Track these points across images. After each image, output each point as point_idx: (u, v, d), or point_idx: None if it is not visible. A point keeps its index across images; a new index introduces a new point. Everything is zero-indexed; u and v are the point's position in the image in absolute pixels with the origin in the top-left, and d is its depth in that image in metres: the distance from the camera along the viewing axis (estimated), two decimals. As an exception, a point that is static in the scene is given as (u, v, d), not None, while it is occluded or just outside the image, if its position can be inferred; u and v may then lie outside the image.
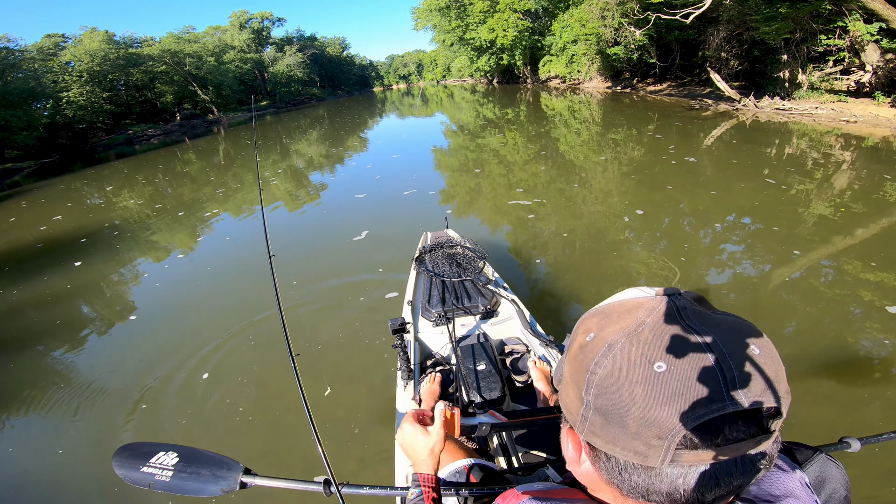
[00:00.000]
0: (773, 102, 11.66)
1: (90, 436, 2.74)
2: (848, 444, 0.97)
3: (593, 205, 5.83)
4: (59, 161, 22.07)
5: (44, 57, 27.57)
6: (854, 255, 3.83)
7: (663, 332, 0.39)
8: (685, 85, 18.19)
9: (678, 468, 0.37)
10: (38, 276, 5.63)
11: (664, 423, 0.36)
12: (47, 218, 9.00)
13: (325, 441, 0.97)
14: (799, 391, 2.46)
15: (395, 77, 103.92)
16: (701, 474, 0.37)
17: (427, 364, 2.11)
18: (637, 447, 0.38)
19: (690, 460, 0.36)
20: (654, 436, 0.37)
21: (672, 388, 0.36)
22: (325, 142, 16.14)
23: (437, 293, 2.40)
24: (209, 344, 3.51)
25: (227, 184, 10.29)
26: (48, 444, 2.73)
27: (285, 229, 6.37)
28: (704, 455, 0.36)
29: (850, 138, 8.17)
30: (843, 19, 10.06)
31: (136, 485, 1.00)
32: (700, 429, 0.36)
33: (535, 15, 32.43)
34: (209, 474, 0.99)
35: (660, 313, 0.40)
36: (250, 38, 47.26)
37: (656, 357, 0.38)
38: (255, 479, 0.97)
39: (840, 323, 2.98)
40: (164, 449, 1.05)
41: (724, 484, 0.37)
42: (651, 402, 0.37)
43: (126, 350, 3.71)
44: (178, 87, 34.42)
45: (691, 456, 0.36)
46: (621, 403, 0.38)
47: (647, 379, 0.37)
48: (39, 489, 2.42)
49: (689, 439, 0.36)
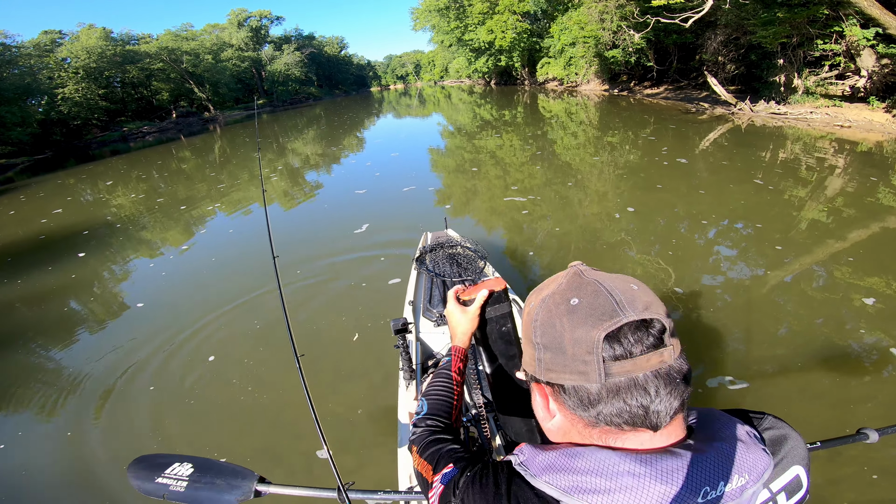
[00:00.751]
0: (769, 106, 11.73)
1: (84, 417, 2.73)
2: (866, 435, 0.99)
3: (589, 206, 5.84)
4: (52, 157, 21.96)
5: (40, 53, 27.38)
6: (846, 259, 3.85)
7: (573, 283, 0.55)
8: (682, 88, 18.28)
9: (613, 381, 0.49)
10: (41, 267, 5.69)
11: (586, 338, 0.49)
12: (48, 211, 9.03)
13: (329, 439, 0.98)
14: (793, 389, 2.47)
15: (392, 77, 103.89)
16: (631, 382, 0.48)
17: (429, 364, 2.10)
18: (578, 367, 0.50)
19: (618, 371, 0.48)
20: (584, 352, 0.49)
21: (584, 312, 0.51)
22: (324, 140, 16.12)
23: (438, 293, 2.40)
24: (212, 327, 3.54)
25: (225, 180, 10.27)
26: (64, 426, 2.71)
27: (287, 222, 6.49)
28: (627, 365, 0.48)
29: (843, 143, 8.23)
30: (839, 24, 10.13)
31: (151, 496, 0.99)
32: (611, 338, 0.48)
33: (534, 17, 32.51)
34: (224, 484, 0.98)
35: (569, 274, 0.57)
36: (248, 36, 47.12)
37: (570, 297, 0.53)
38: (270, 488, 0.98)
39: (832, 324, 2.99)
40: (179, 460, 1.05)
41: (653, 393, 0.48)
42: (574, 325, 0.50)
43: (132, 333, 3.79)
44: (174, 85, 34.28)
45: (618, 367, 0.48)
46: (556, 333, 0.52)
47: (567, 311, 0.52)
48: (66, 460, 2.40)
49: (608, 350, 0.48)
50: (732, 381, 2.56)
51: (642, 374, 0.49)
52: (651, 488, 0.46)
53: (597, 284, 0.53)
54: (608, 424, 0.50)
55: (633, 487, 0.47)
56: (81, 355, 3.62)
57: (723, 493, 0.49)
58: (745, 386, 2.52)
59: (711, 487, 0.48)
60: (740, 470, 0.50)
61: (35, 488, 2.38)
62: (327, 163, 11.56)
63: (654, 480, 0.47)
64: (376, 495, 0.96)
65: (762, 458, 0.53)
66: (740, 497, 0.50)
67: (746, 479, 0.50)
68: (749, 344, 2.87)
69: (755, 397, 2.44)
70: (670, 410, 0.49)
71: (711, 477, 0.49)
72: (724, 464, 0.50)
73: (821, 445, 0.99)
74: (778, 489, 0.56)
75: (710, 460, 0.50)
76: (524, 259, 4.42)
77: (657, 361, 0.49)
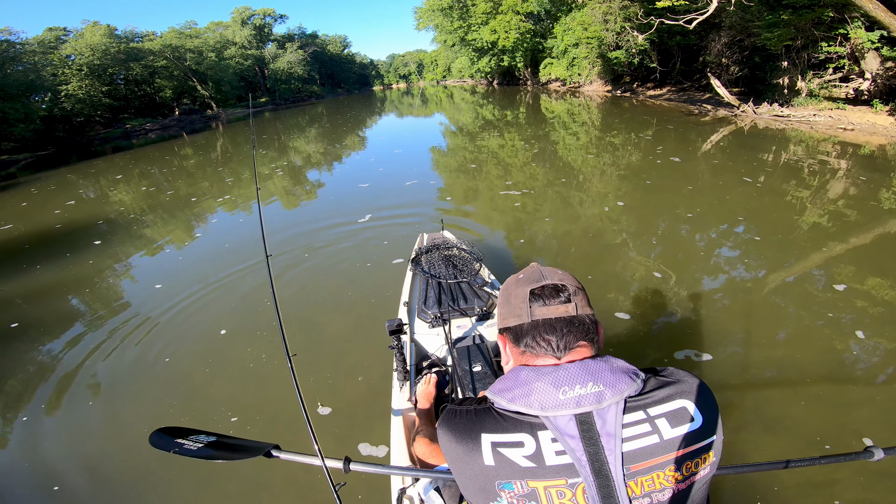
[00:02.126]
0: (772, 109, 11.69)
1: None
2: (871, 453, 0.96)
3: (589, 206, 5.83)
4: (54, 154, 21.96)
5: (44, 50, 27.34)
6: (847, 262, 3.83)
7: (527, 270, 0.85)
8: (685, 90, 18.24)
9: (535, 319, 0.76)
10: (60, 254, 5.91)
11: (522, 292, 0.79)
12: (60, 203, 9.20)
13: (324, 434, 0.99)
14: (791, 392, 2.46)
15: (395, 76, 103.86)
16: (546, 322, 0.75)
17: (423, 365, 2.10)
18: (516, 311, 0.79)
19: (538, 313, 0.76)
20: (520, 301, 0.79)
21: (524, 280, 0.82)
22: (327, 138, 16.13)
23: (433, 294, 2.40)
24: (224, 313, 3.55)
25: (229, 175, 10.26)
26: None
27: (291, 215, 6.64)
28: (544, 310, 0.76)
29: (846, 146, 8.19)
30: (844, 27, 10.09)
31: (164, 449, 1.07)
32: (535, 292, 0.78)
33: (538, 17, 32.48)
34: (238, 446, 1.10)
35: (531, 266, 0.87)
36: (252, 34, 47.13)
37: (521, 275, 0.85)
38: (282, 454, 1.08)
39: (832, 327, 2.97)
40: (200, 432, 1.14)
41: (558, 329, 0.75)
42: (518, 286, 0.82)
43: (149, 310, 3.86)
44: (177, 82, 34.27)
45: (538, 310, 0.76)
46: (508, 293, 0.83)
47: (516, 281, 0.84)
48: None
49: (534, 300, 0.77)
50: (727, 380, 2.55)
51: (554, 317, 0.75)
52: (534, 385, 0.70)
53: (537, 268, 0.84)
54: (529, 351, 0.77)
55: (525, 386, 0.71)
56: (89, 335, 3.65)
57: (579, 394, 0.68)
58: (738, 387, 2.51)
59: (569, 387, 0.69)
60: (596, 380, 0.69)
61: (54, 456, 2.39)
62: (332, 159, 11.71)
63: (537, 380, 0.71)
64: (378, 468, 1.04)
65: (624, 379, 0.70)
66: (599, 402, 0.68)
67: (602, 388, 0.68)
68: (748, 346, 2.85)
69: (752, 398, 2.43)
70: (570, 345, 0.74)
71: (570, 380, 0.69)
72: (582, 374, 0.70)
73: (822, 461, 0.98)
74: (657, 414, 0.69)
75: (573, 369, 0.71)
76: (525, 259, 4.40)
77: (563, 310, 0.76)
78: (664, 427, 0.68)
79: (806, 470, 2.01)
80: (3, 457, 2.57)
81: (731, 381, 2.58)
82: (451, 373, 1.92)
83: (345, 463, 1.03)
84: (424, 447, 1.31)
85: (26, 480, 2.37)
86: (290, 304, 3.85)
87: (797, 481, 1.97)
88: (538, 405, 0.68)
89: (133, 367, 3.25)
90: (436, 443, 1.25)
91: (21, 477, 2.40)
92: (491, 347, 2.03)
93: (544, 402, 0.68)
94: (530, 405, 0.68)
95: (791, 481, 1.97)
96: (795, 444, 2.14)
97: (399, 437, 1.71)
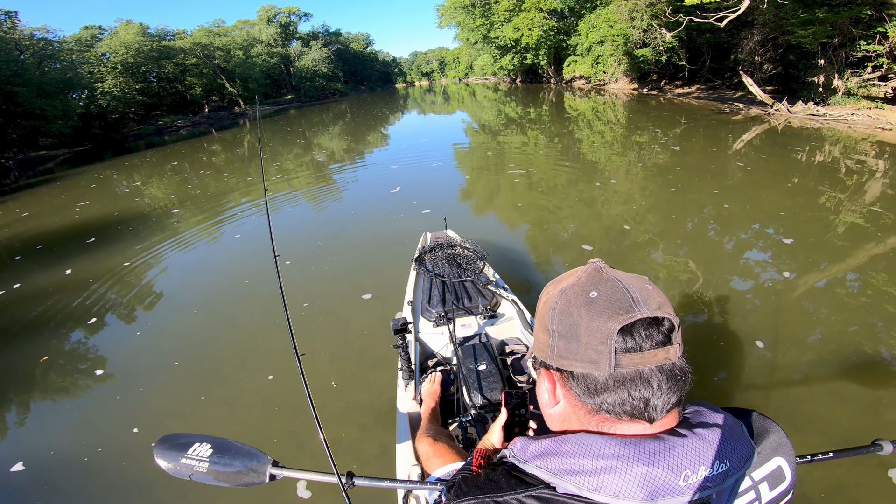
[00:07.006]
0: (807, 108, 11.33)
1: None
2: (880, 446, 0.98)
3: (613, 206, 5.79)
4: (91, 150, 22.79)
5: (81, 48, 28.41)
6: (882, 265, 3.73)
7: (592, 278, 0.58)
8: (715, 88, 17.78)
9: (621, 371, 0.52)
10: (115, 243, 6.41)
11: (602, 328, 0.52)
12: (122, 191, 9.77)
13: (329, 435, 1.00)
14: (820, 394, 2.44)
15: (417, 74, 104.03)
16: (637, 374, 0.52)
17: (428, 364, 2.10)
18: (590, 355, 0.53)
19: (627, 362, 0.52)
20: (598, 341, 0.52)
21: (602, 304, 0.54)
22: (360, 130, 16.38)
23: (437, 293, 2.41)
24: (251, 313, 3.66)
25: (274, 172, 10.54)
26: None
27: (309, 213, 6.72)
28: (636, 358, 0.52)
29: (884, 145, 7.89)
30: (883, 25, 9.70)
31: (178, 476, 1.06)
32: (625, 331, 0.52)
33: (561, 15, 32.05)
34: (241, 465, 1.05)
35: (589, 269, 0.60)
36: (277, 32, 47.98)
37: (590, 290, 0.56)
38: (283, 472, 1.03)
39: (864, 332, 2.91)
40: (199, 440, 1.11)
41: (655, 387, 0.52)
42: (591, 316, 0.53)
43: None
44: (206, 80, 35.18)
45: (627, 358, 0.52)
46: (573, 322, 0.55)
47: (586, 302, 0.55)
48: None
49: (621, 342, 0.52)
50: (756, 383, 2.54)
51: (648, 367, 0.52)
52: (634, 469, 0.50)
53: (615, 281, 0.56)
54: (609, 413, 0.54)
55: (617, 468, 0.50)
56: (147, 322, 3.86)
57: (703, 477, 0.51)
58: (767, 387, 2.49)
59: (692, 471, 0.51)
60: (721, 456, 0.53)
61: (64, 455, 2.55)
62: (369, 147, 13.37)
63: (638, 462, 0.50)
64: (382, 483, 0.99)
65: (745, 446, 0.56)
66: (722, 483, 0.53)
67: (728, 466, 0.53)
68: (776, 347, 2.83)
69: (780, 398, 2.42)
70: (668, 405, 0.53)
71: (692, 461, 0.51)
72: (706, 449, 0.53)
73: (833, 455, 0.98)
74: (760, 478, 0.60)
75: (692, 445, 0.52)
76: (528, 259, 4.42)
77: (663, 357, 0.53)
78: (764, 491, 0.60)
79: (825, 467, 2.01)
80: (3, 457, 2.63)
81: (759, 381, 2.57)
82: (456, 371, 1.92)
83: (347, 478, 0.99)
84: (428, 447, 1.23)
85: (26, 480, 2.44)
86: (292, 305, 3.94)
87: (814, 477, 1.97)
88: (643, 494, 0.49)
89: (142, 368, 3.33)
90: (439, 442, 1.22)
91: (21, 476, 2.47)
92: (495, 346, 2.03)
93: (655, 489, 0.50)
94: (629, 495, 0.50)
95: (807, 477, 1.97)
96: (824, 445, 2.14)
97: (404, 436, 1.73)
